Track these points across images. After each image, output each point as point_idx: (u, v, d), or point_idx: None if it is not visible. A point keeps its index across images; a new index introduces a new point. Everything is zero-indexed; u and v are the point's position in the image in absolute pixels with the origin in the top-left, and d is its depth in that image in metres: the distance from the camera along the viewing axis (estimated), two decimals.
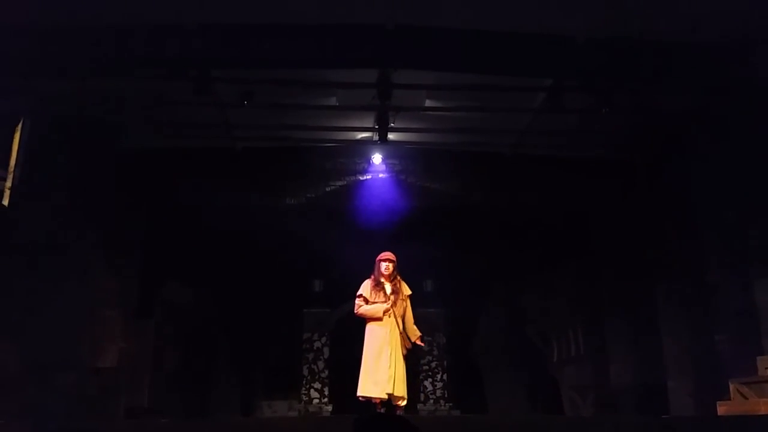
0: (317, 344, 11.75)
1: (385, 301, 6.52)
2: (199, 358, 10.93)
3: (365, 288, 6.68)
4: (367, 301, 6.61)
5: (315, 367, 11.64)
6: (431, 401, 11.51)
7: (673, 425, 5.68)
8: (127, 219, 9.04)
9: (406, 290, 6.73)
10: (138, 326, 9.25)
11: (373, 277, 6.72)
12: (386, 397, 6.30)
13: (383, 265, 6.66)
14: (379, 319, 6.52)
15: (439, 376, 11.65)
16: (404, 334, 6.56)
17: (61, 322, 7.38)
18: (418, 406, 11.08)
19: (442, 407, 11.40)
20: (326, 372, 11.60)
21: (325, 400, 11.44)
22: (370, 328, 6.58)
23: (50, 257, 7.53)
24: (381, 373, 6.32)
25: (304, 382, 11.56)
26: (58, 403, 7.11)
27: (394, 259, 6.71)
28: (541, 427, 5.55)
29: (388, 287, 6.62)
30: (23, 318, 7.08)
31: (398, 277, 6.70)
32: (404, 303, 6.65)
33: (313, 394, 11.49)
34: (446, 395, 11.56)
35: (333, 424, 6.03)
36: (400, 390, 6.37)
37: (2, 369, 6.87)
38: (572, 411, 10.64)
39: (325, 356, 11.68)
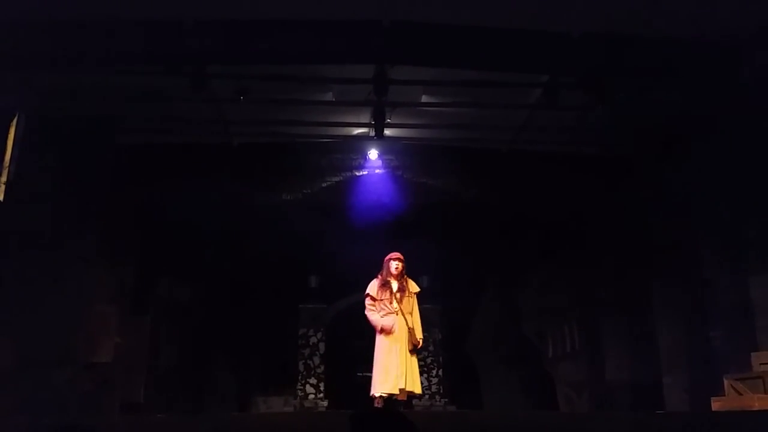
0: (313, 340, 11.74)
1: (391, 301, 6.65)
2: (194, 354, 10.92)
3: (372, 287, 6.82)
4: (374, 300, 6.73)
5: (310, 362, 11.63)
6: (427, 397, 11.51)
7: (668, 421, 5.70)
8: (123, 215, 9.02)
9: (414, 288, 6.89)
10: (134, 322, 9.25)
11: (380, 276, 6.84)
12: (398, 392, 6.39)
13: (393, 264, 6.81)
14: (391, 314, 6.63)
15: (434, 371, 11.66)
16: (412, 330, 6.65)
17: (56, 318, 7.37)
18: (413, 402, 11.08)
19: (438, 403, 11.41)
20: (322, 367, 11.60)
21: (321, 395, 11.44)
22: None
23: (46, 253, 7.51)
24: (393, 369, 6.44)
25: (299, 377, 11.55)
26: (53, 399, 7.10)
27: (403, 258, 6.86)
28: (536, 423, 5.56)
29: (394, 285, 6.75)
30: (18, 313, 7.06)
31: (405, 276, 6.85)
32: (412, 300, 6.79)
33: (309, 389, 11.49)
34: (442, 391, 11.57)
35: (328, 420, 6.03)
36: (414, 385, 6.52)
37: None
38: (567, 407, 10.68)
39: (321, 352, 11.67)
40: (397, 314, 6.63)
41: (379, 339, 6.64)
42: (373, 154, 9.84)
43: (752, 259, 7.24)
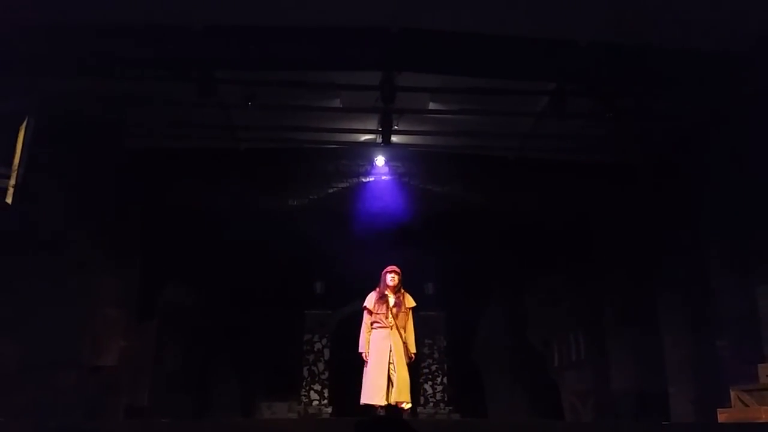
0: (318, 346, 11.73)
1: (387, 316, 6.79)
2: (199, 359, 10.92)
3: (369, 300, 6.98)
4: (371, 313, 6.89)
5: (315, 368, 11.62)
6: (431, 404, 11.48)
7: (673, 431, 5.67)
8: (130, 218, 9.05)
9: (410, 303, 7.01)
10: (139, 326, 9.26)
11: (378, 289, 6.97)
12: (384, 404, 6.53)
13: (389, 276, 6.95)
14: (385, 328, 6.78)
15: (439, 379, 11.63)
16: (407, 345, 6.85)
17: (62, 321, 7.39)
18: (417, 410, 11.05)
19: (442, 411, 11.37)
20: (326, 374, 11.58)
21: (325, 402, 11.42)
22: (373, 339, 6.84)
23: (53, 255, 7.54)
24: (380, 382, 6.59)
25: (304, 383, 11.54)
26: (58, 402, 7.11)
27: (399, 271, 6.99)
28: (541, 431, 5.54)
29: (391, 299, 6.88)
30: (24, 316, 7.08)
31: (402, 290, 6.97)
32: (407, 315, 6.92)
33: (313, 395, 11.47)
34: (446, 399, 11.53)
35: (333, 427, 6.03)
36: (402, 396, 6.62)
37: (3, 367, 6.88)
38: (572, 416, 10.63)
39: (326, 358, 11.66)
40: (391, 329, 6.78)
41: (371, 351, 6.81)
42: (379, 160, 9.84)
43: (759, 269, 7.20)
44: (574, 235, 10.46)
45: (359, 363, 6.93)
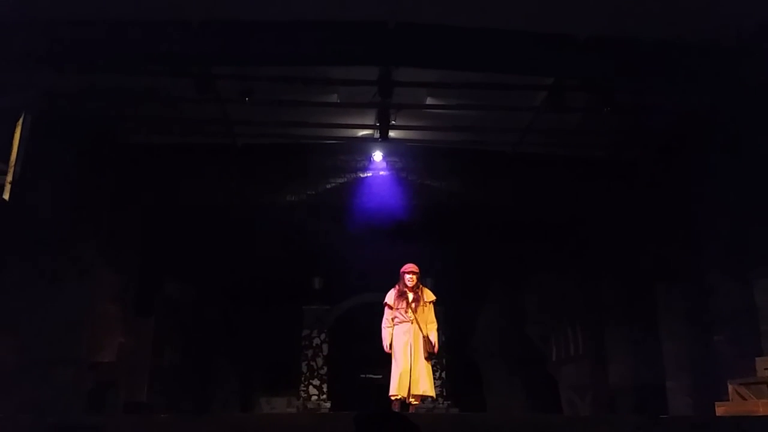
0: (316, 341, 11.74)
1: (406, 310, 7.13)
2: (198, 354, 10.93)
3: (390, 297, 7.34)
4: (391, 308, 7.26)
5: (314, 363, 11.63)
6: (429, 399, 11.48)
7: (671, 425, 5.68)
8: (128, 214, 9.04)
9: (429, 296, 7.38)
10: (138, 322, 9.25)
11: (397, 287, 7.33)
12: (407, 395, 6.96)
13: (407, 276, 7.29)
14: (406, 322, 7.14)
15: (437, 374, 11.61)
16: (427, 338, 7.14)
17: (60, 317, 7.40)
18: (425, 403, 11.07)
19: (441, 405, 11.38)
20: (325, 369, 11.59)
21: (324, 396, 11.43)
22: (396, 333, 7.20)
23: (50, 252, 7.53)
24: (405, 374, 6.97)
25: (302, 378, 11.55)
26: (57, 398, 7.12)
27: (417, 271, 7.34)
28: (539, 426, 5.55)
29: (410, 296, 7.23)
30: (23, 313, 7.08)
31: (420, 286, 7.34)
32: (427, 308, 7.29)
33: (312, 390, 11.49)
34: (444, 393, 11.54)
35: (331, 421, 6.04)
36: (425, 388, 7.06)
37: (2, 363, 6.87)
38: (570, 410, 10.65)
39: (324, 353, 11.67)
40: (411, 323, 7.10)
41: (396, 345, 7.12)
42: (377, 155, 9.83)
43: (756, 264, 7.22)
44: (572, 230, 10.46)
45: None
